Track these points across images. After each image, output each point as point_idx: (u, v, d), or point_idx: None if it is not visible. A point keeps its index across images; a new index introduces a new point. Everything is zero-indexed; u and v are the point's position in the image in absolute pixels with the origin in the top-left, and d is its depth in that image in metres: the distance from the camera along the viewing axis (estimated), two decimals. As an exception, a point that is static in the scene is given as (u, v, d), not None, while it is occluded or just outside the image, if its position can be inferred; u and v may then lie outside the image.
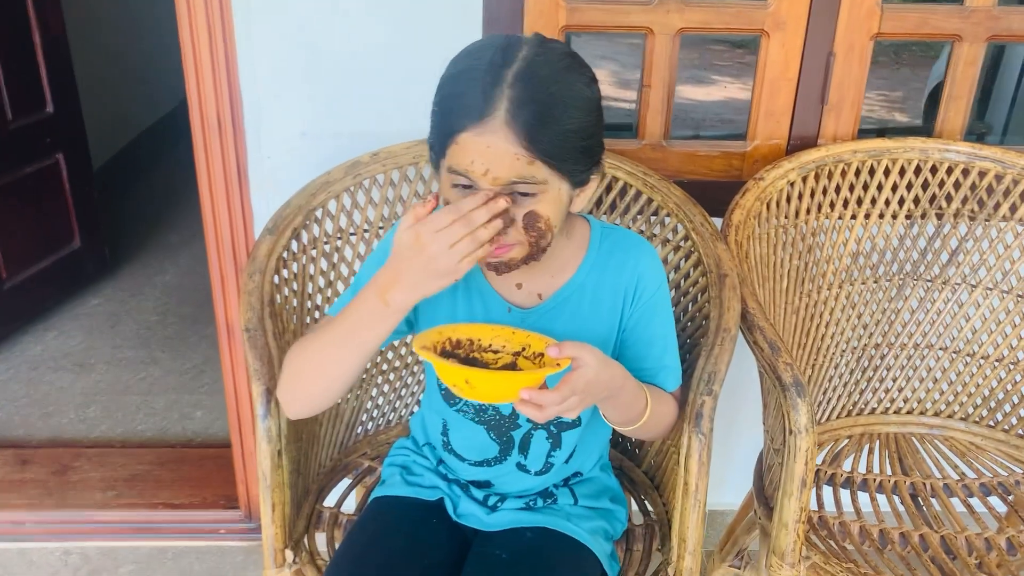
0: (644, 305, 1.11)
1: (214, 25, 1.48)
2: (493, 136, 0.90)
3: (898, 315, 1.60)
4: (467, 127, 0.91)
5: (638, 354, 1.14)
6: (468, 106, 0.91)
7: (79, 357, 2.67)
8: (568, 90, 0.93)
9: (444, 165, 0.96)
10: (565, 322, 1.10)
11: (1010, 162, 1.53)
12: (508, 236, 0.96)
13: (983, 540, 1.32)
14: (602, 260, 1.11)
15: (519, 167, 0.91)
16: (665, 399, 1.14)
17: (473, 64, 0.94)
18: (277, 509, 1.17)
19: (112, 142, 3.95)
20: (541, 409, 0.90)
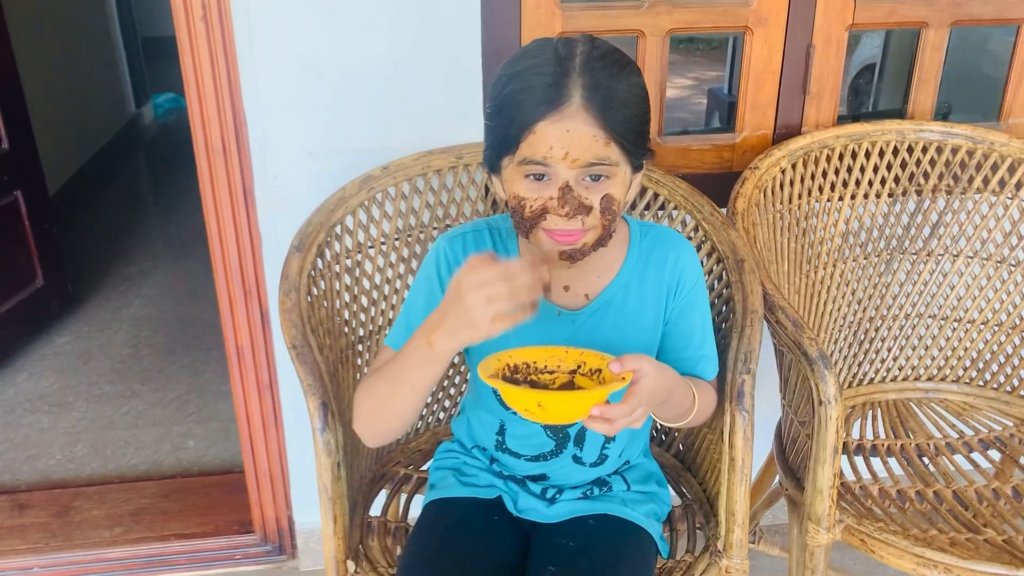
0: (685, 298, 1.17)
1: (216, 51, 1.49)
2: (572, 121, 0.95)
3: (888, 288, 1.69)
4: (545, 116, 0.95)
5: (678, 345, 1.19)
6: (542, 97, 0.96)
7: (55, 397, 2.61)
8: (627, 79, 0.99)
9: (514, 160, 0.99)
10: (612, 321, 1.15)
11: (979, 138, 1.64)
12: (587, 222, 1.00)
13: (991, 490, 1.42)
14: (643, 257, 1.16)
15: (596, 148, 0.97)
16: (707, 389, 1.20)
17: (534, 62, 0.99)
18: (339, 521, 1.19)
19: (61, 172, 3.86)
20: (611, 423, 0.93)
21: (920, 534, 1.31)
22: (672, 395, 1.07)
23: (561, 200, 0.99)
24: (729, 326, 1.30)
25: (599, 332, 1.14)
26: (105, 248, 3.68)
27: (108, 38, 4.86)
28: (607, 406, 0.93)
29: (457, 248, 1.15)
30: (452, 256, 1.14)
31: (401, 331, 1.14)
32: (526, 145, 0.98)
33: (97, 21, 4.71)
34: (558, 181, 0.99)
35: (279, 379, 1.77)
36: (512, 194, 1.03)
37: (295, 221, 1.39)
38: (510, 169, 1.02)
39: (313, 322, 1.28)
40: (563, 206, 0.99)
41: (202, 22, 1.46)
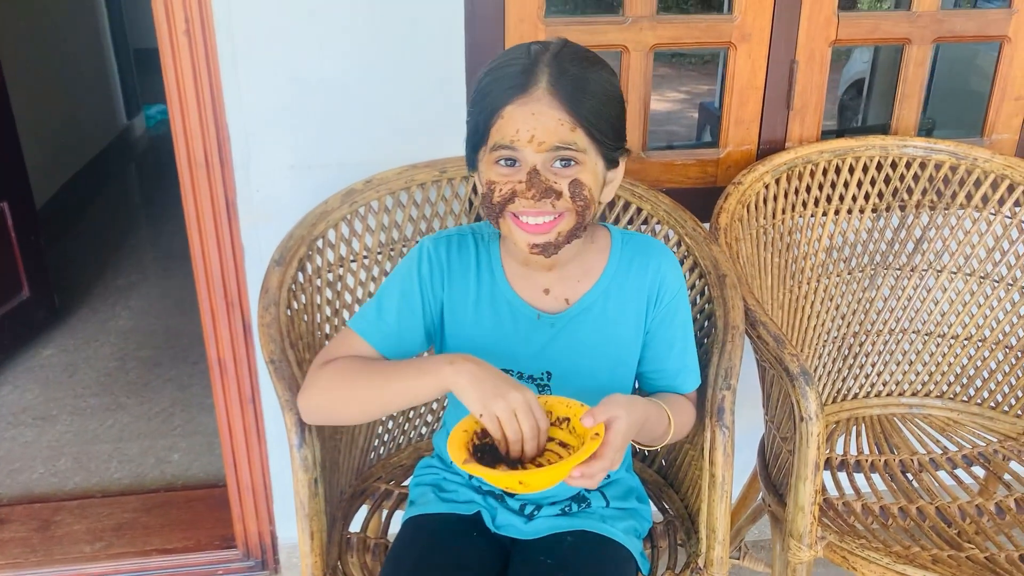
0: (666, 307, 1.17)
1: (199, 64, 1.48)
2: (537, 103, 0.98)
3: (872, 303, 1.69)
4: (512, 99, 0.99)
5: (659, 355, 1.19)
6: (511, 83, 0.99)
7: (40, 410, 2.59)
8: (598, 73, 1.03)
9: (487, 147, 1.02)
10: (592, 326, 1.16)
11: (963, 154, 1.64)
12: (557, 205, 1.02)
13: (974, 507, 1.42)
14: (625, 264, 1.17)
15: (563, 132, 0.99)
16: (683, 408, 1.20)
17: (509, 57, 1.03)
18: (316, 538, 1.18)
19: (50, 183, 3.85)
20: (592, 478, 0.95)
21: (902, 551, 1.31)
22: (645, 424, 1.08)
23: (528, 183, 1.01)
24: (711, 341, 1.30)
25: (578, 337, 1.15)
26: (93, 260, 3.67)
27: (99, 49, 4.86)
28: (585, 464, 0.94)
29: (441, 249, 1.16)
30: (435, 256, 1.16)
31: (369, 318, 1.15)
32: (495, 130, 1.01)
33: (88, 32, 4.71)
34: (526, 166, 1.01)
35: (262, 393, 1.76)
36: (485, 180, 1.05)
37: (278, 234, 1.38)
38: (484, 160, 1.04)
39: (292, 336, 1.27)
40: (530, 188, 1.01)
41: (185, 36, 1.46)
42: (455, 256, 1.16)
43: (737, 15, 1.58)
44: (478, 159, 1.06)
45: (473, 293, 1.16)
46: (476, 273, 1.16)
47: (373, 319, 1.15)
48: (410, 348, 1.16)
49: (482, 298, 1.16)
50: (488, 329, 1.16)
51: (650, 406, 1.10)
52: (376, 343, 1.14)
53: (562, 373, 1.16)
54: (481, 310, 1.16)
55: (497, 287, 1.16)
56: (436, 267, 1.16)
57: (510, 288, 1.16)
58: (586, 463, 0.94)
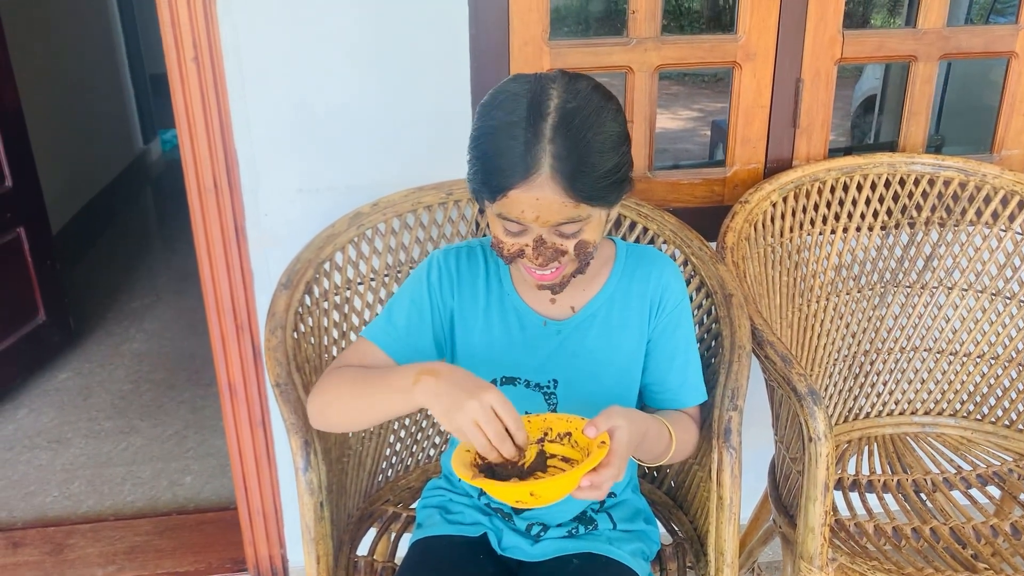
0: (668, 317, 1.18)
1: (207, 89, 1.50)
2: (540, 190, 0.98)
3: (883, 321, 1.68)
4: (515, 185, 0.99)
5: (661, 367, 1.20)
6: (513, 166, 0.98)
7: (54, 433, 2.61)
8: (601, 134, 0.99)
9: (494, 210, 1.03)
10: (598, 333, 1.17)
11: (972, 170, 1.63)
12: (562, 261, 1.05)
13: (988, 527, 1.39)
14: (629, 271, 1.19)
15: (566, 211, 1.00)
16: (686, 425, 1.20)
17: (509, 120, 0.99)
18: (322, 561, 1.18)
19: (67, 207, 3.90)
20: (600, 487, 0.95)
21: (916, 573, 1.29)
22: (646, 437, 1.08)
23: (535, 252, 1.04)
24: (718, 362, 1.29)
25: (584, 344, 1.17)
26: (108, 283, 3.70)
27: (116, 74, 4.93)
28: (594, 473, 0.94)
29: (451, 259, 1.20)
30: (445, 265, 1.19)
31: (381, 324, 1.18)
32: (501, 204, 1.01)
33: (105, 57, 4.78)
34: (532, 234, 1.03)
35: (272, 416, 1.76)
36: (493, 235, 1.08)
37: (286, 258, 1.40)
38: (489, 212, 1.06)
39: (299, 359, 1.28)
40: (537, 257, 1.04)
41: (193, 62, 1.48)
42: (464, 266, 1.20)
43: (742, 35, 1.59)
44: (484, 206, 1.07)
45: (482, 301, 1.19)
46: (485, 282, 1.20)
47: (383, 325, 1.18)
48: (419, 354, 1.17)
49: (491, 306, 1.19)
50: (496, 337, 1.18)
51: (651, 420, 1.11)
52: (386, 347, 1.16)
53: (568, 381, 1.17)
54: (491, 318, 1.18)
55: (505, 295, 1.19)
56: (446, 276, 1.19)
57: (518, 296, 1.18)
58: (594, 471, 0.94)
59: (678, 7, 10.39)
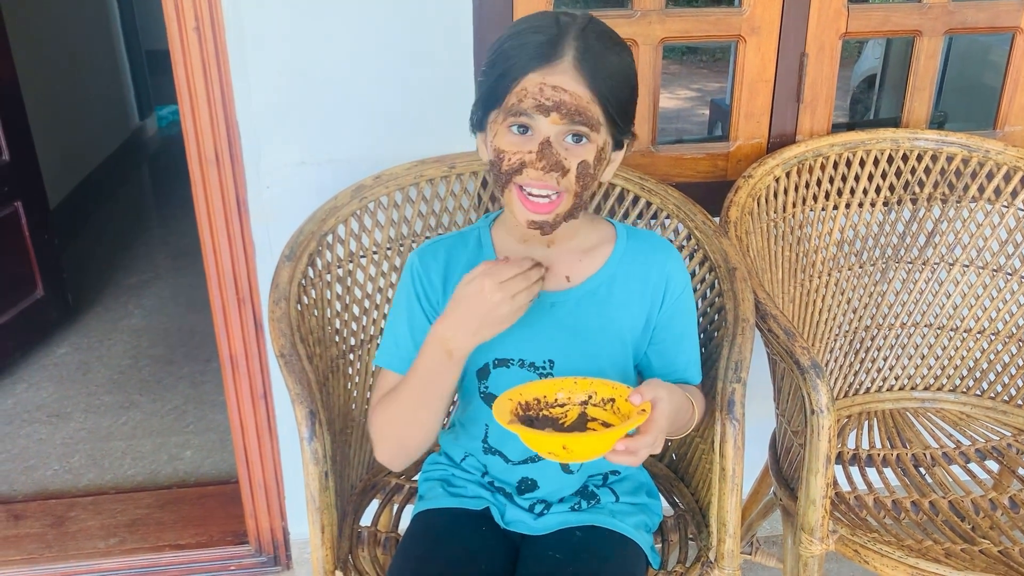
0: (674, 304, 1.17)
1: (208, 61, 1.49)
2: (561, 76, 0.99)
3: (884, 297, 1.69)
4: (535, 68, 0.99)
5: (670, 351, 1.19)
6: (535, 52, 0.99)
7: (54, 408, 2.61)
8: (620, 52, 1.04)
9: (502, 110, 1.02)
10: (596, 311, 1.15)
11: (975, 146, 1.63)
12: (561, 183, 1.02)
13: (987, 501, 1.41)
14: (631, 254, 1.17)
15: (581, 106, 0.99)
16: (701, 398, 1.20)
17: (534, 24, 1.03)
18: (327, 531, 1.18)
19: (64, 183, 3.88)
20: (635, 454, 0.95)
21: (915, 545, 1.30)
22: (679, 411, 1.08)
23: (539, 154, 1.01)
24: (721, 335, 1.29)
25: (581, 320, 1.14)
26: (106, 259, 3.69)
27: (112, 50, 4.89)
28: (631, 439, 0.94)
29: (428, 261, 1.16)
30: (423, 271, 1.16)
31: (390, 349, 1.16)
32: (513, 95, 1.00)
33: (100, 33, 4.74)
34: (539, 136, 1.01)
35: (273, 389, 1.76)
36: (494, 147, 1.05)
37: (288, 230, 1.39)
38: (495, 123, 1.04)
39: (303, 331, 1.28)
40: (540, 159, 1.01)
41: (194, 32, 1.47)
42: (444, 261, 1.16)
43: (746, 8, 1.58)
44: (488, 121, 1.06)
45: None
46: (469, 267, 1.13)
47: (393, 349, 1.16)
48: None
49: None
50: None
51: (682, 396, 1.10)
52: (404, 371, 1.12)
53: (565, 360, 1.14)
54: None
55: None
56: (427, 280, 1.15)
57: None
58: (632, 438, 0.94)
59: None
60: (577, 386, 1.04)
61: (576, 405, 1.04)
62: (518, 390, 1.02)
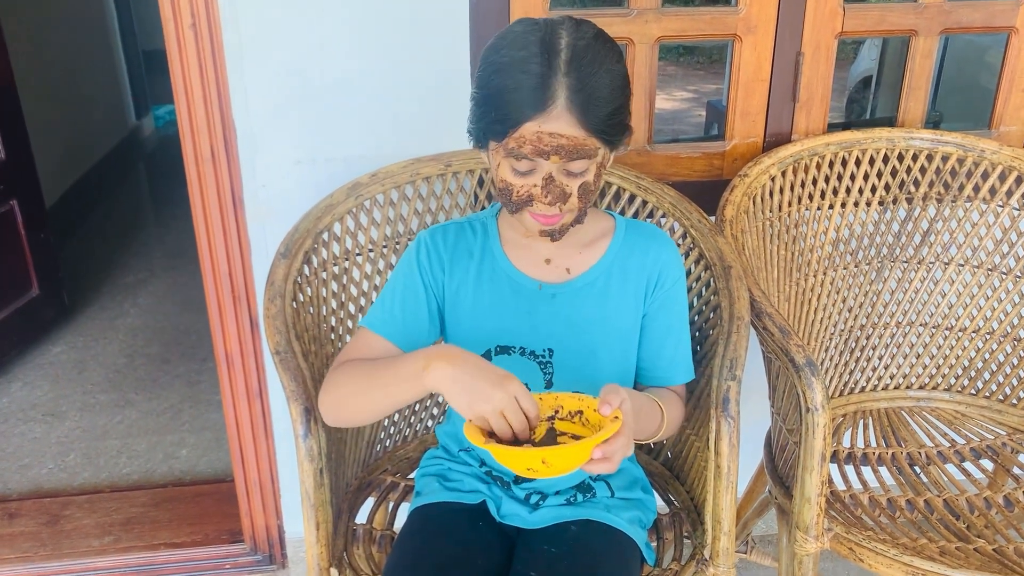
0: (665, 294, 1.19)
1: (205, 59, 1.49)
2: (556, 122, 1.01)
3: (879, 296, 1.69)
4: (531, 117, 1.01)
5: (655, 341, 1.21)
6: (529, 99, 1.01)
7: (49, 407, 2.60)
8: (609, 72, 1.03)
9: (502, 148, 1.05)
10: (595, 302, 1.18)
11: (970, 145, 1.63)
12: (565, 207, 1.08)
13: (982, 500, 1.41)
14: (629, 244, 1.20)
15: (577, 144, 1.03)
16: (674, 402, 1.22)
17: (521, 55, 1.02)
18: (321, 528, 1.18)
19: (60, 182, 3.87)
20: (611, 459, 0.96)
21: (910, 543, 1.30)
22: (639, 414, 1.09)
23: (544, 190, 1.06)
24: (716, 333, 1.29)
25: (581, 311, 1.17)
26: (102, 258, 3.69)
27: (109, 50, 4.88)
28: (606, 444, 0.95)
29: (438, 238, 1.21)
30: (432, 245, 1.20)
31: (378, 313, 1.19)
32: (513, 141, 1.03)
33: (98, 33, 4.73)
34: (542, 171, 1.05)
35: (269, 388, 1.76)
36: (500, 178, 1.09)
37: (284, 229, 1.39)
38: (497, 153, 1.07)
39: (298, 328, 1.28)
40: (546, 195, 1.06)
41: (191, 29, 1.47)
42: (452, 242, 1.20)
43: (742, 7, 1.58)
44: (489, 147, 1.09)
45: (473, 274, 1.19)
46: (474, 255, 1.20)
47: (380, 313, 1.19)
48: (418, 336, 1.18)
49: (483, 277, 1.19)
50: (489, 306, 1.18)
51: (644, 399, 1.13)
52: (388, 334, 1.16)
53: (564, 350, 1.17)
54: (481, 288, 1.19)
55: (497, 264, 1.19)
56: (434, 255, 1.19)
57: (510, 263, 1.19)
58: (607, 444, 0.95)
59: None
60: (543, 402, 1.04)
61: (544, 421, 1.04)
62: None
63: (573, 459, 0.95)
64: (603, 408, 0.98)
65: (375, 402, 1.10)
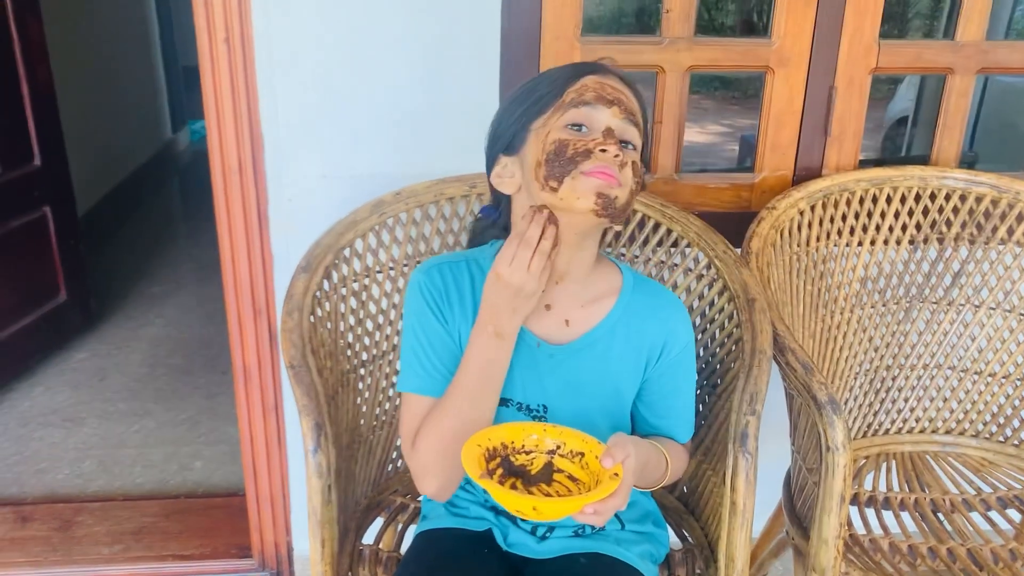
0: (672, 361, 1.15)
1: (236, 73, 1.50)
2: (616, 82, 1.06)
3: (907, 337, 1.65)
4: (589, 73, 1.05)
5: (657, 405, 1.19)
6: (581, 67, 1.06)
7: (69, 412, 2.62)
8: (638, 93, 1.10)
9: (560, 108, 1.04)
10: (594, 365, 1.13)
11: (1005, 187, 1.60)
12: (623, 174, 1.03)
13: (1007, 551, 1.36)
14: (635, 308, 1.14)
15: (633, 106, 1.06)
16: (679, 453, 1.20)
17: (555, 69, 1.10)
18: (327, 546, 1.17)
19: (94, 191, 3.94)
20: (602, 515, 0.93)
21: (930, 592, 1.26)
22: (646, 466, 1.08)
23: (606, 136, 1.02)
24: (737, 366, 1.27)
25: (578, 372, 1.13)
26: (131, 267, 3.73)
27: (149, 65, 4.98)
28: (602, 503, 0.92)
29: (435, 276, 1.13)
30: (430, 285, 1.12)
31: (416, 372, 1.11)
32: (572, 92, 1.04)
33: (139, 48, 4.83)
34: (599, 127, 1.03)
35: (285, 403, 1.76)
36: (553, 140, 1.02)
37: (307, 243, 1.39)
38: (545, 126, 1.04)
39: (314, 343, 1.27)
40: (608, 140, 1.02)
41: (224, 43, 1.48)
42: (451, 282, 1.13)
43: (776, 40, 1.57)
44: (529, 131, 1.06)
45: (471, 320, 1.10)
46: (472, 299, 1.12)
47: (418, 373, 1.11)
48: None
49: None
50: None
51: (651, 449, 1.11)
52: (435, 391, 1.10)
53: (559, 407, 1.12)
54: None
55: None
56: (437, 293, 1.12)
57: None
58: (601, 502, 0.93)
59: (711, 22, 10.36)
60: (547, 433, 1.02)
61: (543, 454, 1.02)
62: (486, 434, 1.00)
63: (563, 510, 0.93)
64: (605, 461, 0.95)
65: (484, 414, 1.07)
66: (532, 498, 0.93)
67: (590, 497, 0.92)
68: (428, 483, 1.10)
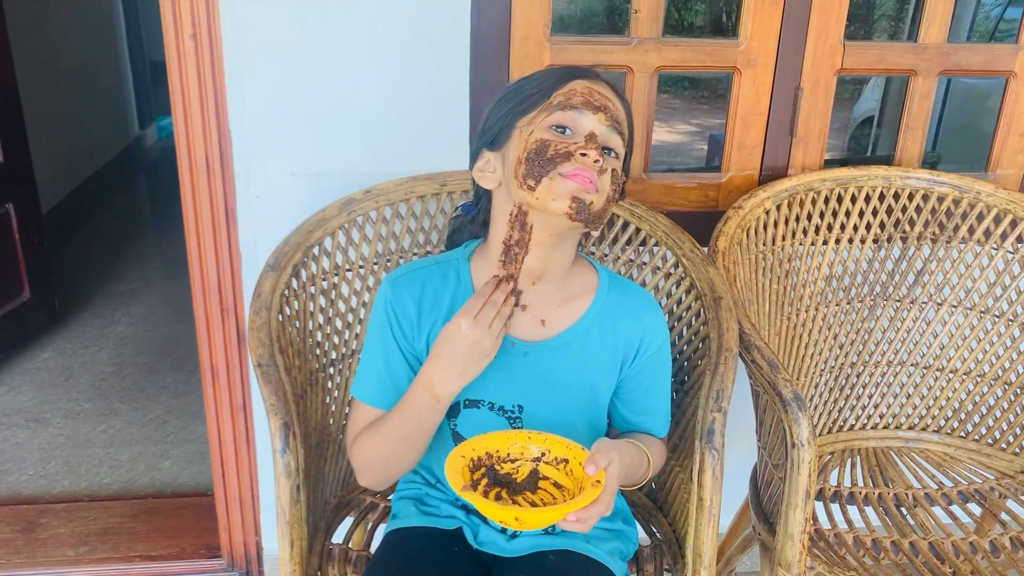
0: (648, 359, 1.17)
1: (204, 69, 1.49)
2: (605, 89, 1.07)
3: (871, 334, 1.68)
4: (577, 77, 1.06)
5: (636, 402, 1.20)
6: (570, 70, 1.07)
7: (33, 412, 2.58)
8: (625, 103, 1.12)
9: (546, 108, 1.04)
10: (570, 364, 1.14)
11: (966, 187, 1.63)
12: (599, 183, 1.03)
13: (968, 544, 1.39)
14: (610, 307, 1.15)
15: (619, 116, 1.07)
16: (658, 448, 1.21)
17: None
18: (296, 545, 1.16)
19: (58, 188, 3.88)
20: (585, 523, 0.95)
21: (893, 585, 1.28)
22: (630, 468, 1.09)
23: (588, 142, 1.03)
24: (704, 364, 1.28)
25: (554, 371, 1.13)
26: (97, 265, 3.68)
27: (115, 60, 4.91)
28: (584, 511, 0.94)
29: (402, 293, 1.13)
30: (397, 303, 1.12)
31: (369, 383, 1.14)
32: (559, 95, 1.04)
33: (105, 43, 4.76)
34: (582, 132, 1.04)
35: (253, 402, 1.75)
36: (535, 139, 1.03)
37: (276, 242, 1.38)
38: (530, 125, 1.05)
39: (283, 342, 1.27)
40: (590, 145, 1.02)
41: (191, 39, 1.47)
42: (419, 295, 1.13)
43: (743, 40, 1.58)
44: (515, 128, 1.06)
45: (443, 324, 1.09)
46: (444, 307, 1.13)
47: (369, 383, 1.14)
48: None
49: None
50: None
51: (634, 450, 1.12)
52: (383, 404, 1.13)
53: (534, 407, 1.13)
54: None
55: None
56: (403, 315, 1.12)
57: None
58: (583, 510, 0.94)
59: (680, 21, 10.41)
60: (531, 441, 1.04)
61: (528, 462, 1.04)
62: (470, 444, 1.02)
63: (546, 520, 0.95)
64: (588, 468, 0.97)
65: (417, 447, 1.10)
66: (514, 508, 0.95)
67: (572, 506, 0.93)
68: (364, 478, 1.17)
